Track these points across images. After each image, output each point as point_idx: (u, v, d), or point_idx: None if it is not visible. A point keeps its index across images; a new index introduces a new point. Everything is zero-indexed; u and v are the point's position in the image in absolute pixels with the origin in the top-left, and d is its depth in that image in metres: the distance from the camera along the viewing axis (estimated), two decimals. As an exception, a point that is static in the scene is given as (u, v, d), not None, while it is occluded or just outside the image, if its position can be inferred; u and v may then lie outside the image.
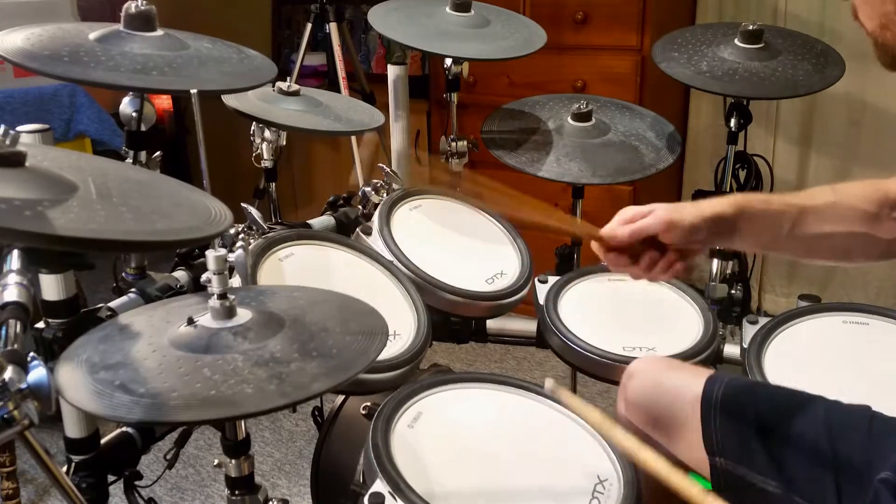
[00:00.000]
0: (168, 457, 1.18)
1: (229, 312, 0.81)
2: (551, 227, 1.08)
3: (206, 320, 0.81)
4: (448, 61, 1.70)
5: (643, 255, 0.96)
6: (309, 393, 0.73)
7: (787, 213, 0.96)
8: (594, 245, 0.99)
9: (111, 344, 0.81)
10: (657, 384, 1.00)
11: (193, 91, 1.00)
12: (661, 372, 1.03)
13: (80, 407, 0.72)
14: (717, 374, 0.99)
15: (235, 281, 1.10)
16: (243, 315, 0.82)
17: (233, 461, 0.93)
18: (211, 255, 0.81)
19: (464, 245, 1.49)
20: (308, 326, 0.84)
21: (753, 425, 0.93)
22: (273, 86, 1.46)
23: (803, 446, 0.90)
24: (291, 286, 1.06)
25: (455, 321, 1.45)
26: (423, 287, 1.31)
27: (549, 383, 0.96)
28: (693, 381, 0.98)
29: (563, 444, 1.00)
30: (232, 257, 1.07)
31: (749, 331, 1.25)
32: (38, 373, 0.70)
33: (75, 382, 0.73)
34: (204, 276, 0.84)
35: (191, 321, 0.81)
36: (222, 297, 0.81)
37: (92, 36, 1.11)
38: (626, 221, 0.96)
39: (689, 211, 0.94)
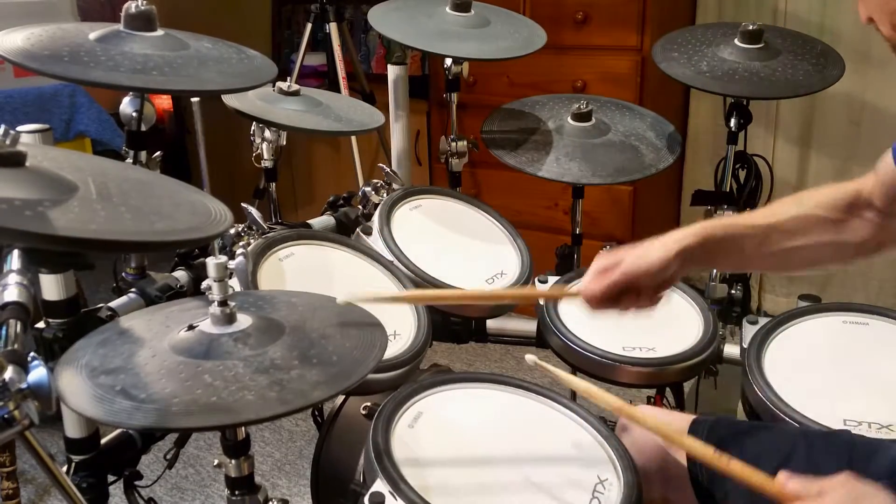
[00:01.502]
0: (168, 457, 1.18)
1: (229, 319, 0.81)
2: (527, 299, 1.11)
3: (206, 325, 0.81)
4: (448, 61, 1.70)
5: (622, 300, 0.98)
6: (310, 401, 0.73)
7: (750, 234, 0.98)
8: (577, 301, 1.01)
9: (111, 348, 0.81)
10: (647, 436, 1.02)
11: (195, 100, 1.00)
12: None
13: (82, 412, 0.72)
14: (700, 419, 1.01)
15: (234, 281, 1.10)
16: (243, 321, 0.82)
17: (233, 461, 0.93)
18: (211, 262, 0.81)
19: (464, 245, 1.49)
20: (308, 333, 0.84)
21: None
22: (273, 86, 1.46)
23: None
24: (290, 291, 1.06)
25: (455, 321, 1.45)
26: (423, 287, 1.31)
27: (529, 359, 1.00)
28: (679, 427, 1.00)
29: (562, 444, 1.00)
30: (232, 264, 1.07)
31: (749, 331, 1.25)
32: (38, 373, 0.70)
33: (76, 387, 0.73)
34: (204, 284, 0.84)
35: (191, 328, 0.81)
36: (223, 304, 0.81)
37: (92, 36, 1.11)
38: (600, 272, 0.98)
39: (656, 253, 0.96)
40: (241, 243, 1.19)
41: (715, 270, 1.67)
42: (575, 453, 0.99)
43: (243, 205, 1.23)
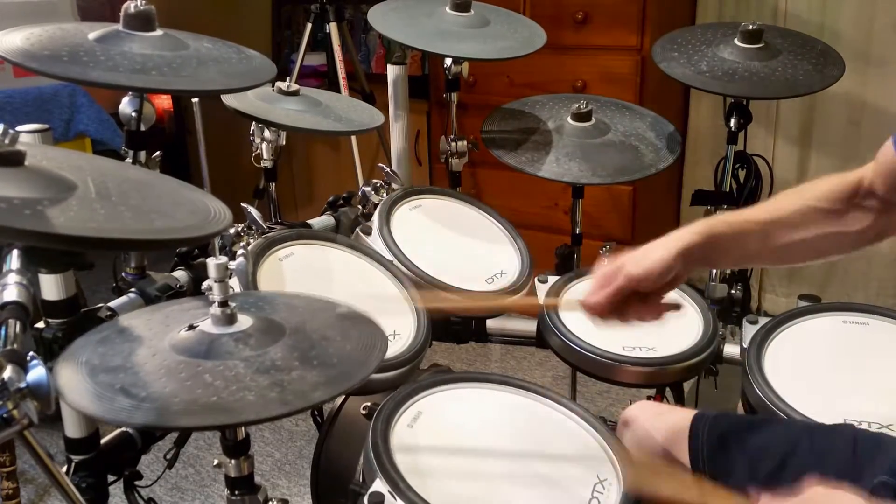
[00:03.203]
0: (168, 457, 1.18)
1: (230, 319, 0.81)
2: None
3: (206, 325, 0.81)
4: (448, 61, 1.70)
5: (628, 309, 0.97)
6: (310, 402, 0.73)
7: (753, 229, 0.97)
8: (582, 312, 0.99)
9: (110, 346, 0.81)
10: (649, 431, 1.02)
11: (195, 100, 1.01)
12: (652, 419, 1.04)
13: (81, 410, 0.71)
14: (702, 413, 1.00)
15: (234, 281, 1.10)
16: (244, 321, 0.82)
17: (232, 461, 0.93)
18: (212, 263, 0.81)
19: (464, 245, 1.49)
20: (308, 334, 0.84)
21: (741, 459, 0.94)
22: (273, 86, 1.46)
23: (790, 476, 0.90)
24: (290, 293, 1.06)
25: (455, 321, 1.45)
26: (423, 287, 1.31)
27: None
28: (681, 423, 1.00)
29: (562, 444, 1.00)
30: (233, 265, 1.07)
31: (749, 331, 1.25)
32: (37, 372, 0.70)
33: (76, 385, 0.73)
34: (205, 284, 0.84)
35: (192, 328, 0.81)
36: (223, 304, 0.81)
37: (91, 36, 1.11)
38: (602, 282, 0.96)
39: (657, 255, 0.94)
40: (240, 243, 1.19)
41: (714, 270, 1.67)
42: (574, 453, 0.99)
43: (243, 205, 1.23)
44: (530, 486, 0.93)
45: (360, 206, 1.48)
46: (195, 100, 1.00)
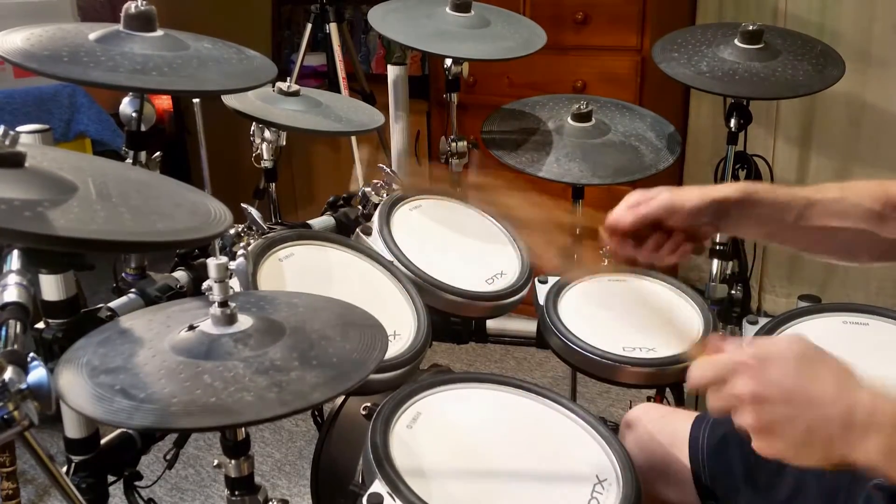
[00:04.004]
0: (168, 457, 1.18)
1: (230, 319, 0.81)
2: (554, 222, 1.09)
3: (206, 326, 0.81)
4: (448, 62, 1.70)
5: (647, 240, 0.96)
6: (309, 402, 0.73)
7: (793, 203, 0.96)
8: (601, 231, 0.99)
9: (111, 347, 0.81)
10: (651, 434, 1.02)
11: (196, 101, 1.00)
12: (654, 421, 1.05)
13: (81, 411, 0.72)
14: (703, 415, 1.01)
15: (235, 281, 1.10)
16: (244, 321, 0.82)
17: (232, 461, 0.93)
18: (212, 263, 0.81)
19: (464, 245, 1.49)
20: (308, 334, 0.84)
21: (739, 461, 0.95)
22: (273, 86, 1.46)
23: (789, 477, 0.90)
24: (291, 292, 1.06)
25: (455, 321, 1.45)
26: (423, 287, 1.31)
27: None
28: (682, 426, 1.00)
29: (562, 444, 1.00)
30: (233, 265, 1.07)
31: (749, 331, 1.25)
32: (37, 373, 0.70)
33: (76, 386, 0.73)
34: (205, 285, 0.84)
35: (192, 328, 0.81)
36: (223, 304, 0.81)
37: (92, 36, 1.11)
38: (632, 206, 0.96)
39: (693, 195, 0.94)
40: (241, 243, 1.19)
41: (715, 270, 1.67)
42: (574, 453, 0.99)
43: (243, 205, 1.23)
44: (530, 486, 0.93)
45: (360, 207, 1.48)
46: (196, 101, 1.00)
